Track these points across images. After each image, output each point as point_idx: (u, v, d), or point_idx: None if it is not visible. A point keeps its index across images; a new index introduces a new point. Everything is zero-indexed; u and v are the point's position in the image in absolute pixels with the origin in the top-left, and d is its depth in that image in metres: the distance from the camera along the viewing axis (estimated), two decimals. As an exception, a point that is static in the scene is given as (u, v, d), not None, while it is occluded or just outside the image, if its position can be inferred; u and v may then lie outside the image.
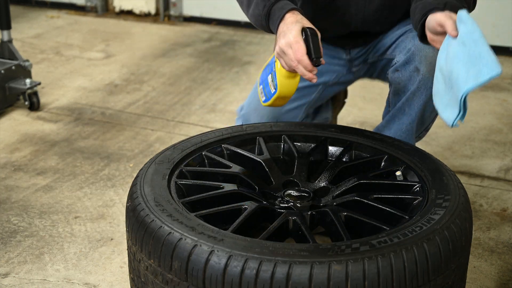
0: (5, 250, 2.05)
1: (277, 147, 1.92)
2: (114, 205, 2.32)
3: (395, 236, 1.40)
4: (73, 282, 1.91)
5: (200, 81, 3.54)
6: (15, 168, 2.57)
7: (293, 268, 1.30)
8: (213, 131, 1.92)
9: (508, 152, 2.78)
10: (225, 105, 3.23)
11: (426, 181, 1.66)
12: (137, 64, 3.79)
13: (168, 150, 1.79)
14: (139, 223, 1.48)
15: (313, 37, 1.73)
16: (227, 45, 4.15)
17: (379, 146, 1.85)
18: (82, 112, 3.11)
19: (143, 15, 4.79)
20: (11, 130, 2.90)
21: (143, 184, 1.61)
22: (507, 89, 3.48)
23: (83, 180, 2.49)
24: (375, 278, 1.31)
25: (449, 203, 1.54)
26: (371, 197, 1.64)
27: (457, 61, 1.57)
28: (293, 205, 1.66)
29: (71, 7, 4.92)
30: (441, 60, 1.66)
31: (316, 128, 1.95)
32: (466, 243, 1.49)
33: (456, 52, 1.58)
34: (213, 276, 1.33)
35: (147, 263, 1.44)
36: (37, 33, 4.36)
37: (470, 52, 1.54)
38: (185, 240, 1.38)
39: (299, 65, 1.74)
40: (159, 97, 3.31)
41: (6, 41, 3.13)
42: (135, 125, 2.98)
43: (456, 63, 1.57)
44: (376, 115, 3.12)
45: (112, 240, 2.11)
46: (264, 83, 1.93)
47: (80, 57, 3.91)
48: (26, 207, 2.29)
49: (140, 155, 2.69)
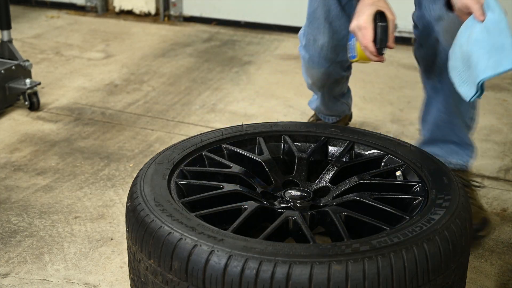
0: (5, 250, 2.05)
1: (277, 147, 1.92)
2: (114, 205, 2.32)
3: (395, 236, 1.40)
4: (73, 282, 1.91)
5: (200, 81, 3.54)
6: (15, 168, 2.57)
7: (293, 268, 1.30)
8: (213, 131, 1.92)
9: (508, 152, 2.78)
10: (225, 105, 3.23)
11: (426, 181, 1.67)
12: (137, 64, 3.79)
13: (168, 150, 1.79)
14: (139, 223, 1.48)
15: (381, 24, 1.76)
16: (227, 45, 4.15)
17: (379, 146, 1.85)
18: (82, 112, 3.11)
19: (143, 15, 4.79)
20: (11, 130, 2.90)
21: (143, 184, 1.61)
22: (507, 89, 3.48)
23: (83, 180, 2.49)
24: (375, 278, 1.31)
25: (449, 203, 1.54)
26: (371, 197, 1.64)
27: (479, 47, 1.58)
28: (293, 205, 1.66)
29: (71, 7, 4.92)
30: (462, 38, 1.66)
31: (316, 128, 1.95)
32: (466, 243, 1.49)
33: (479, 37, 1.59)
34: (213, 276, 1.33)
35: (147, 263, 1.44)
36: (37, 33, 4.36)
37: (494, 40, 1.55)
38: (185, 240, 1.38)
39: (366, 49, 1.79)
40: (159, 97, 3.31)
41: (6, 41, 3.13)
42: (135, 125, 2.98)
43: (477, 48, 1.59)
44: (376, 115, 3.12)
45: (112, 240, 2.11)
46: (351, 43, 1.97)
47: (80, 57, 3.91)
48: (26, 207, 2.29)
49: (140, 155, 2.69)
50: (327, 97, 2.50)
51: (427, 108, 2.05)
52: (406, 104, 3.26)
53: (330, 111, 2.60)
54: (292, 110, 3.17)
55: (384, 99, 3.32)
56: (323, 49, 2.18)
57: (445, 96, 1.98)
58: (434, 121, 2.02)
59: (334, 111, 2.61)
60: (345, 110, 2.66)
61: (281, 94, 3.36)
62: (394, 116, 3.11)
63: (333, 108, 2.58)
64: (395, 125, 3.02)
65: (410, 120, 3.06)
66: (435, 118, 2.01)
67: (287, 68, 3.75)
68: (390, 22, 1.78)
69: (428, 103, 2.05)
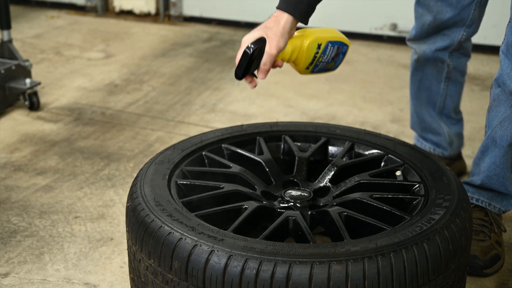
0: (5, 250, 2.05)
1: (277, 147, 1.92)
2: (114, 205, 2.32)
3: (395, 236, 1.40)
4: (73, 282, 1.91)
5: (200, 81, 3.54)
6: (15, 168, 2.57)
7: (293, 268, 1.30)
8: (213, 131, 1.92)
9: (508, 152, 2.78)
10: (225, 105, 3.23)
11: (426, 181, 1.67)
12: (137, 64, 3.79)
13: (168, 150, 1.79)
14: (139, 223, 1.48)
15: (246, 54, 1.69)
16: (227, 45, 4.15)
17: (379, 146, 1.85)
18: (82, 112, 3.11)
19: (143, 15, 4.79)
20: (11, 130, 2.90)
21: (143, 184, 1.61)
22: (507, 89, 3.48)
23: (83, 180, 2.49)
24: (375, 278, 1.31)
25: (449, 203, 1.54)
26: (371, 197, 1.64)
27: None
28: (293, 205, 1.66)
29: (71, 7, 4.92)
30: None
31: (316, 128, 1.95)
32: (466, 243, 1.49)
33: None
34: (213, 276, 1.33)
35: (147, 263, 1.44)
36: (37, 33, 4.36)
37: None
38: (185, 240, 1.38)
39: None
40: (159, 97, 3.31)
41: (6, 41, 3.13)
42: (135, 125, 2.98)
43: None
44: (376, 115, 3.13)
45: (112, 240, 2.11)
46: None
47: (80, 57, 3.91)
48: (26, 207, 2.29)
49: (140, 155, 2.69)
50: None
51: (482, 154, 1.97)
52: (406, 104, 3.25)
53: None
54: (292, 110, 3.17)
55: (384, 99, 3.32)
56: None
57: (503, 152, 1.92)
58: (485, 167, 1.97)
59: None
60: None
61: (281, 94, 3.37)
62: (394, 116, 3.12)
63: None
64: (395, 125, 3.02)
65: (410, 120, 3.06)
66: (487, 168, 1.96)
67: (287, 68, 3.74)
68: (265, 54, 1.69)
69: (484, 149, 1.97)
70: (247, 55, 1.69)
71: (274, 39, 1.69)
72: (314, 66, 1.79)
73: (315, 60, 1.77)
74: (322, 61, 1.79)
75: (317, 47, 1.75)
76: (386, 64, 3.82)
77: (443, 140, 2.37)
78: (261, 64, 1.69)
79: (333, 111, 3.17)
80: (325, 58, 1.79)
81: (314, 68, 1.80)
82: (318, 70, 1.82)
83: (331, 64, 1.82)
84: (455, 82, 2.28)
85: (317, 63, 1.78)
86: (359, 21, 4.27)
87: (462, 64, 2.27)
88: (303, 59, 1.76)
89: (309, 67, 1.79)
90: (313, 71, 1.81)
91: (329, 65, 1.82)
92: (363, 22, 4.26)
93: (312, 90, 3.42)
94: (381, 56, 3.98)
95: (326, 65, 1.81)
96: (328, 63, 1.81)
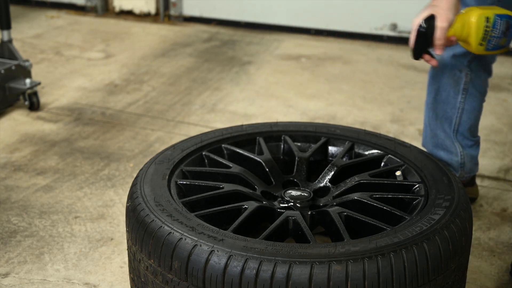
0: (5, 250, 2.05)
1: (277, 147, 1.92)
2: (114, 205, 2.32)
3: (395, 236, 1.40)
4: (73, 282, 1.91)
5: (200, 81, 3.54)
6: (15, 168, 2.57)
7: (293, 268, 1.30)
8: (213, 131, 1.92)
9: (508, 152, 2.78)
10: (225, 105, 3.23)
11: (426, 181, 1.67)
12: (137, 64, 3.79)
13: (168, 150, 1.79)
14: (139, 223, 1.48)
15: (420, 33, 1.77)
16: (227, 45, 4.15)
17: (379, 146, 1.85)
18: (82, 112, 3.11)
19: (143, 15, 4.79)
20: (11, 130, 2.90)
21: (143, 184, 1.61)
22: (507, 89, 3.48)
23: (83, 180, 2.49)
24: (375, 278, 1.31)
25: (449, 203, 1.54)
26: (371, 197, 1.64)
27: None
28: (293, 205, 1.66)
29: (71, 7, 4.92)
30: None
31: (316, 128, 1.95)
32: (466, 243, 1.49)
33: None
34: (213, 276, 1.33)
35: (147, 263, 1.44)
36: (37, 33, 4.36)
37: None
38: (185, 240, 1.38)
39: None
40: (159, 97, 3.31)
41: (6, 41, 3.13)
42: (135, 125, 2.98)
43: None
44: (376, 115, 3.13)
45: (112, 240, 2.11)
46: None
47: (80, 57, 3.91)
48: (26, 207, 2.29)
49: (140, 155, 2.69)
50: None
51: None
52: (406, 104, 3.26)
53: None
54: (292, 110, 3.17)
55: (384, 99, 3.32)
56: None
57: None
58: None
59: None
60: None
61: (281, 94, 3.37)
62: (394, 116, 3.12)
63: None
64: (395, 125, 3.02)
65: (410, 120, 3.06)
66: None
67: (287, 68, 3.75)
68: (437, 29, 1.78)
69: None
70: (421, 33, 1.78)
71: (442, 14, 1.78)
72: (488, 42, 1.84)
73: (487, 35, 1.82)
74: (493, 35, 1.83)
75: (485, 21, 1.81)
76: (386, 64, 3.82)
77: (455, 160, 2.23)
78: (436, 39, 1.78)
79: (333, 111, 3.17)
80: (496, 32, 1.84)
81: (488, 44, 1.84)
82: (493, 47, 1.86)
83: (503, 40, 1.86)
84: (472, 97, 2.18)
85: (489, 38, 1.83)
86: (359, 21, 4.27)
87: (480, 79, 2.18)
88: (474, 34, 1.82)
89: (482, 43, 1.83)
90: (487, 48, 1.86)
91: (501, 41, 1.86)
92: (363, 22, 4.26)
93: (312, 90, 3.42)
94: (381, 56, 3.98)
95: (499, 40, 1.85)
96: (500, 38, 1.85)
